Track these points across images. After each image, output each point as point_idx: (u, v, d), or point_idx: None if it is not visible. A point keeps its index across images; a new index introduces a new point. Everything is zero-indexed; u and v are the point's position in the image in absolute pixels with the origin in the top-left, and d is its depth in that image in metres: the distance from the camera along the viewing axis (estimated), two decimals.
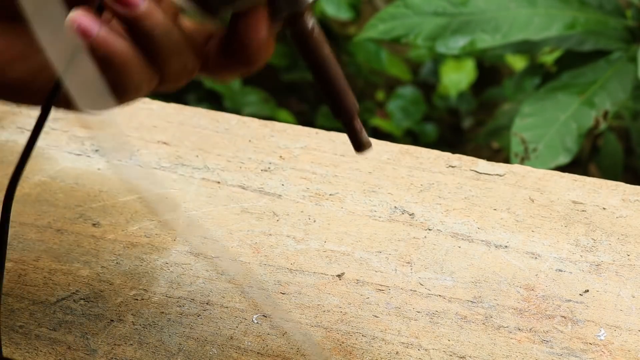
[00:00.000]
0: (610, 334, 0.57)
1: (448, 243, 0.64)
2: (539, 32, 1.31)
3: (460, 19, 1.32)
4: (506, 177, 0.69)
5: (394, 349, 0.56)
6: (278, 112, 1.90)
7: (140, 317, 0.58)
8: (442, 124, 2.11)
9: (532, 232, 0.64)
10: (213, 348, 0.56)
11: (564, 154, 1.26)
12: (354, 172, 0.69)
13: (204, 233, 0.64)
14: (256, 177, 0.69)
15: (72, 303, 0.59)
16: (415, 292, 0.60)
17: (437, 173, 0.69)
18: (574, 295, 0.60)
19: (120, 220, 0.65)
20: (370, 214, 0.66)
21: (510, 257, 0.62)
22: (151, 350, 0.56)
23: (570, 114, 1.29)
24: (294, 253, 0.63)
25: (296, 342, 0.56)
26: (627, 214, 0.66)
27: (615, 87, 1.32)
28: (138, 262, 0.62)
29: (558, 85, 1.34)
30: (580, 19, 1.33)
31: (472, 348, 0.56)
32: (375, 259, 0.62)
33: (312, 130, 0.73)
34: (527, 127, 1.29)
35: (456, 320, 0.58)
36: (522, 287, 0.60)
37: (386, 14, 1.35)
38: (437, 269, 0.62)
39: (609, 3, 1.37)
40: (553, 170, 0.70)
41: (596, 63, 1.37)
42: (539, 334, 0.57)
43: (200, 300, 0.59)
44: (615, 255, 0.62)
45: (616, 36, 1.42)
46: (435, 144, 1.98)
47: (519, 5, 1.32)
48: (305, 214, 0.66)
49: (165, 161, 0.70)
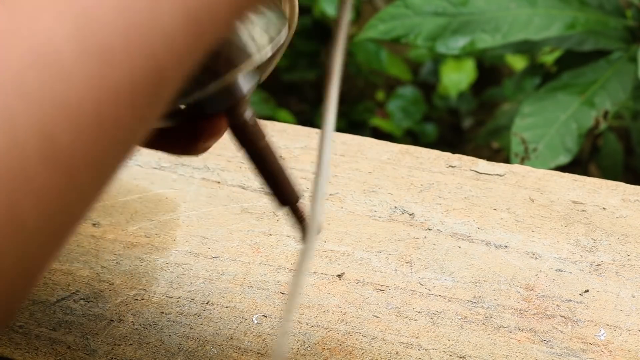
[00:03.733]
0: (610, 334, 0.57)
1: (448, 243, 0.64)
2: (539, 32, 1.31)
3: (460, 19, 1.32)
4: (506, 177, 0.69)
5: (394, 349, 0.56)
6: (278, 112, 1.90)
7: (140, 317, 0.58)
8: (442, 124, 2.11)
9: (532, 232, 0.64)
10: (213, 348, 0.56)
11: (564, 154, 1.26)
12: (354, 172, 0.69)
13: (204, 233, 0.64)
14: None
15: (72, 303, 0.59)
16: (415, 292, 0.60)
17: (437, 173, 0.69)
18: (574, 295, 0.60)
19: (120, 220, 0.65)
20: (370, 214, 0.66)
21: (510, 257, 0.62)
22: (151, 350, 0.56)
23: (570, 114, 1.29)
24: (294, 253, 0.63)
25: (295, 343, 0.56)
26: (627, 214, 0.66)
27: (616, 87, 1.32)
28: (138, 262, 0.62)
29: (558, 85, 1.34)
30: (581, 19, 1.33)
31: (472, 348, 0.56)
32: (375, 259, 0.62)
33: (312, 130, 0.73)
34: (527, 127, 1.29)
35: (456, 320, 0.58)
36: (522, 287, 0.60)
37: (386, 14, 1.35)
38: (437, 269, 0.61)
39: (609, 3, 1.38)
40: (553, 170, 0.70)
41: (596, 63, 1.37)
42: (539, 334, 0.57)
43: (200, 300, 0.59)
44: (615, 255, 0.62)
45: (616, 36, 1.42)
46: (435, 144, 1.98)
47: (519, 5, 1.32)
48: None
49: (165, 161, 0.70)
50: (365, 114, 2.02)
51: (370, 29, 1.34)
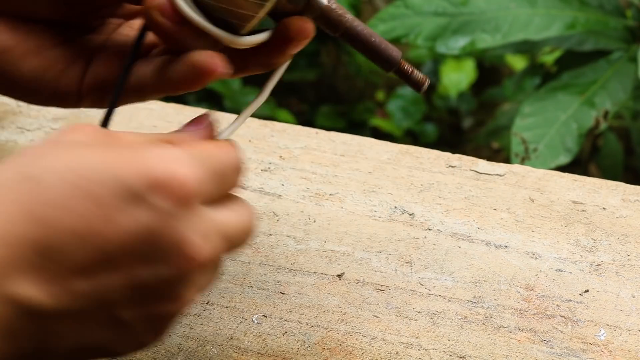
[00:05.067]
0: (610, 334, 0.57)
1: (448, 243, 0.64)
2: (539, 32, 1.31)
3: (461, 19, 1.32)
4: (506, 177, 0.69)
5: (394, 349, 0.56)
6: (278, 112, 1.90)
7: None
8: (442, 124, 2.11)
9: (532, 232, 0.64)
10: (213, 348, 0.56)
11: (564, 154, 1.26)
12: (354, 172, 0.69)
13: None
14: (256, 177, 0.69)
15: None
16: (415, 292, 0.60)
17: (437, 173, 0.69)
18: (574, 295, 0.60)
19: None
20: (370, 214, 0.66)
21: (510, 257, 0.62)
22: (151, 350, 0.56)
23: (570, 114, 1.29)
24: (294, 253, 0.63)
25: (296, 342, 0.56)
26: (627, 214, 0.66)
27: (616, 87, 1.32)
28: None
29: (558, 85, 1.34)
30: (581, 19, 1.33)
31: (472, 348, 0.56)
32: (375, 259, 0.62)
33: (312, 130, 0.73)
34: (527, 127, 1.29)
35: (456, 320, 0.58)
36: (522, 287, 0.60)
37: (386, 14, 1.35)
38: (437, 269, 0.61)
39: (609, 3, 1.38)
40: (553, 170, 0.70)
41: (596, 63, 1.37)
42: (539, 334, 0.57)
43: (200, 300, 0.59)
44: (615, 255, 0.62)
45: (616, 36, 1.42)
46: (435, 144, 1.98)
47: (519, 5, 1.32)
48: (305, 214, 0.66)
49: None
50: (365, 114, 2.02)
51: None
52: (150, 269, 0.39)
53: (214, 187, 0.42)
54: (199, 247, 0.39)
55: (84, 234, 0.37)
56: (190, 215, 0.39)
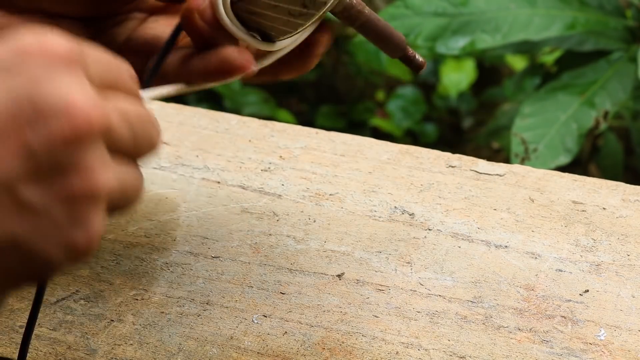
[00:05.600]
0: (610, 334, 0.57)
1: (448, 243, 0.64)
2: (539, 32, 1.31)
3: (461, 19, 1.32)
4: (506, 177, 0.69)
5: (394, 349, 0.56)
6: (278, 112, 1.90)
7: (140, 317, 0.58)
8: (442, 124, 2.11)
9: (532, 232, 0.64)
10: (213, 348, 0.56)
11: (564, 154, 1.26)
12: (354, 172, 0.69)
13: (204, 233, 0.64)
14: (256, 177, 0.69)
15: (72, 303, 0.59)
16: (415, 292, 0.60)
17: (437, 173, 0.69)
18: (574, 295, 0.60)
19: (120, 220, 0.65)
20: (370, 214, 0.66)
21: (510, 257, 0.62)
22: (151, 350, 0.56)
23: (570, 114, 1.29)
24: (294, 253, 0.63)
25: (296, 341, 0.56)
26: (627, 214, 0.66)
27: (616, 87, 1.32)
28: (138, 262, 0.62)
29: (558, 85, 1.34)
30: (581, 19, 1.33)
31: (472, 348, 0.56)
32: (375, 259, 0.62)
33: (312, 130, 0.73)
34: (527, 127, 1.29)
35: (456, 320, 0.58)
36: (522, 287, 0.60)
37: (386, 14, 1.35)
38: (437, 269, 0.62)
39: (609, 3, 1.38)
40: (553, 170, 0.70)
41: (596, 63, 1.37)
42: (539, 334, 0.57)
43: (200, 300, 0.59)
44: (615, 255, 0.62)
45: (616, 36, 1.42)
46: (435, 144, 1.98)
47: (519, 6, 1.32)
48: (305, 214, 0.66)
49: (165, 161, 0.70)
50: (365, 114, 2.02)
51: None
52: (37, 131, 0.36)
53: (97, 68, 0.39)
54: (83, 104, 0.37)
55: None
56: (74, 77, 0.37)
